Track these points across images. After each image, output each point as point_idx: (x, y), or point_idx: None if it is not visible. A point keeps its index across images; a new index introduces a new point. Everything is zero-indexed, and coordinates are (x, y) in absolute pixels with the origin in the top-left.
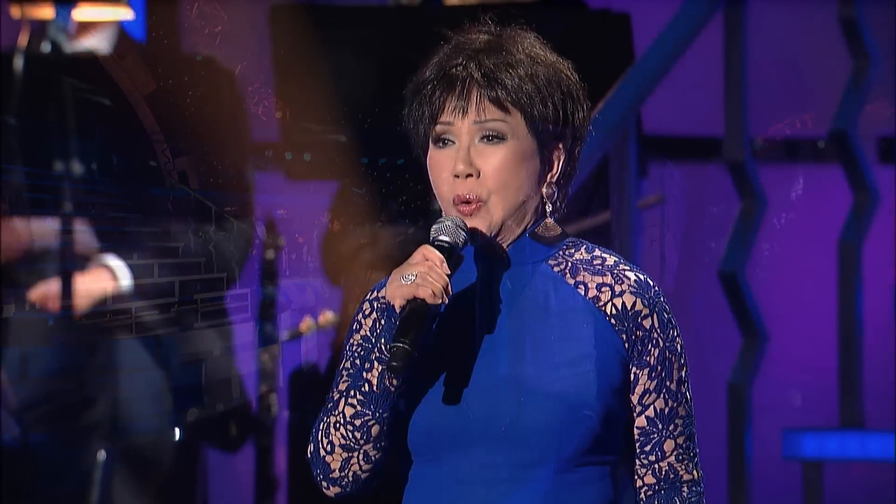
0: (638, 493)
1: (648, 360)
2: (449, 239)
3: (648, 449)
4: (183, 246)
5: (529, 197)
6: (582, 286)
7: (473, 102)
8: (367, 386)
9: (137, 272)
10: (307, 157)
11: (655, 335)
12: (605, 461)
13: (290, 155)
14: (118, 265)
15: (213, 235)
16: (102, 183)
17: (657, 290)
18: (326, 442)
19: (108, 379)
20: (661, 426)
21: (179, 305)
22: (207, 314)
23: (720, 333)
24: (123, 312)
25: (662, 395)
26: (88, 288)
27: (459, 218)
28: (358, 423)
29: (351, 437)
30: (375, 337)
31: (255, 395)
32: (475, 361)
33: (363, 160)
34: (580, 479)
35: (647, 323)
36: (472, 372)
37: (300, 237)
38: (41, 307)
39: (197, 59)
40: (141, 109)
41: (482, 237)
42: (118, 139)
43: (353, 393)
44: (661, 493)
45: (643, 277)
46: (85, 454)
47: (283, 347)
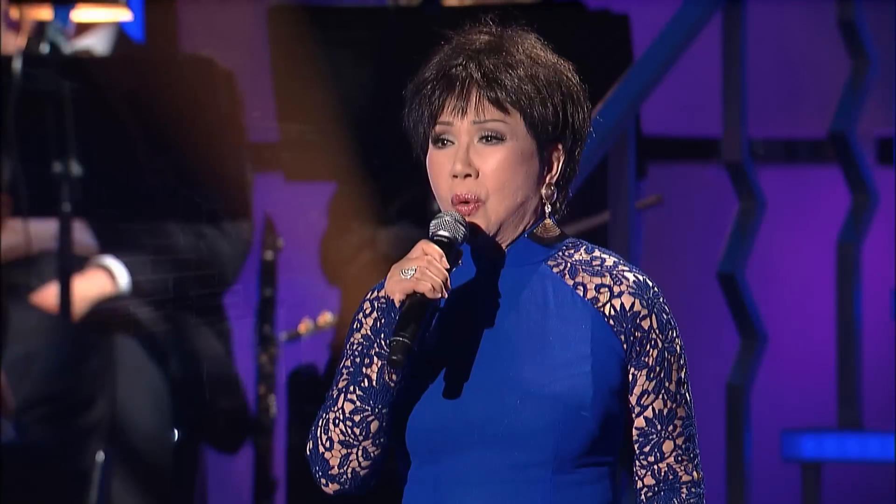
0: (638, 494)
1: (647, 360)
2: (448, 234)
3: (647, 450)
4: (182, 246)
5: (528, 198)
6: (581, 287)
7: (473, 102)
8: (366, 381)
9: (136, 273)
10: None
11: (654, 336)
12: (603, 462)
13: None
14: (116, 265)
15: (211, 236)
16: (102, 183)
17: (656, 290)
18: (325, 438)
19: (106, 379)
20: (659, 427)
21: (177, 306)
22: (206, 314)
23: (719, 334)
24: (122, 313)
25: (661, 395)
26: (87, 288)
27: (458, 213)
28: (357, 418)
29: (350, 433)
30: (375, 335)
31: (253, 395)
32: (473, 362)
33: (362, 160)
34: (579, 480)
35: (645, 324)
36: (470, 373)
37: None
38: (41, 307)
39: (196, 59)
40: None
41: (481, 235)
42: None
43: (352, 389)
44: (660, 494)
45: (642, 278)
46: (84, 454)
47: (281, 348)
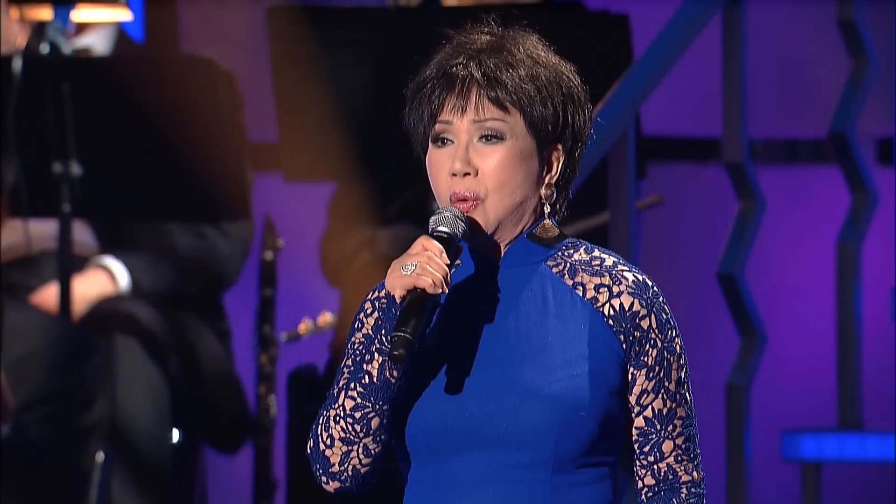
0: (638, 494)
1: (646, 360)
2: (448, 229)
3: (647, 450)
4: (182, 246)
5: (527, 197)
6: (580, 287)
7: (472, 101)
8: (367, 378)
9: (135, 273)
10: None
11: (653, 336)
12: (604, 462)
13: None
14: (116, 265)
15: (211, 236)
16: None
17: (656, 290)
18: (326, 436)
19: (106, 379)
20: (659, 427)
21: (177, 306)
22: (206, 314)
23: (719, 334)
24: (122, 312)
25: (661, 395)
26: (87, 288)
27: (458, 209)
28: (358, 415)
29: (351, 430)
30: (377, 333)
31: (253, 396)
32: (473, 362)
33: (362, 160)
34: (579, 480)
35: (644, 323)
36: (469, 373)
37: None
38: (41, 307)
39: (196, 59)
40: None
41: (480, 234)
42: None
43: (353, 385)
44: (660, 494)
45: (641, 278)
46: (84, 454)
47: (281, 348)
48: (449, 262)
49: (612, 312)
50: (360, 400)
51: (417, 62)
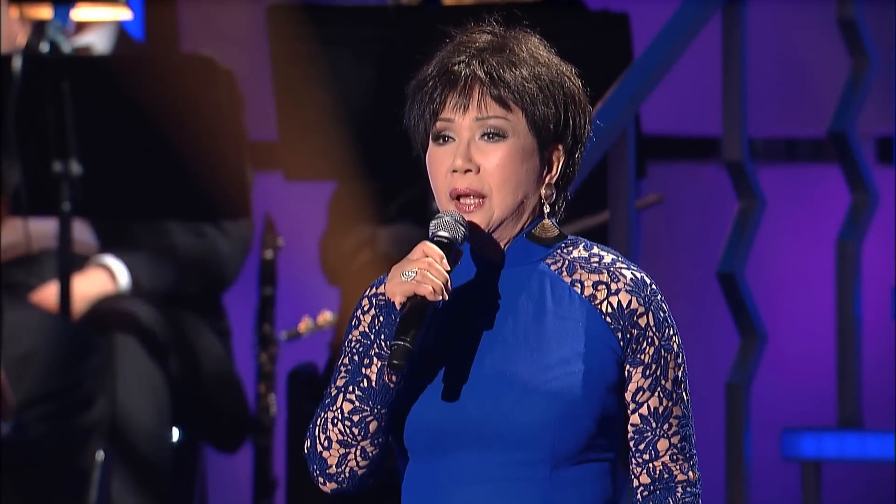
0: (635, 493)
1: (643, 358)
2: (448, 234)
3: (643, 447)
4: (182, 246)
5: (528, 196)
6: (578, 284)
7: (475, 99)
8: (365, 382)
9: (135, 272)
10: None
11: (650, 333)
12: (603, 459)
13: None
14: (116, 264)
15: (211, 235)
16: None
17: (654, 288)
18: (324, 438)
19: (106, 378)
20: (654, 425)
21: (177, 306)
22: (206, 314)
23: (719, 334)
24: (122, 312)
25: (657, 393)
26: (87, 287)
27: (458, 213)
28: (356, 418)
29: (348, 432)
30: (374, 333)
31: (253, 395)
32: (471, 361)
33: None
34: (578, 476)
35: (642, 321)
36: (467, 372)
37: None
38: (41, 306)
39: (196, 59)
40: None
41: (480, 234)
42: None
43: (351, 389)
44: (655, 493)
45: (640, 276)
46: (84, 453)
47: (281, 347)
48: (449, 268)
49: (609, 310)
50: (358, 404)
51: (418, 61)
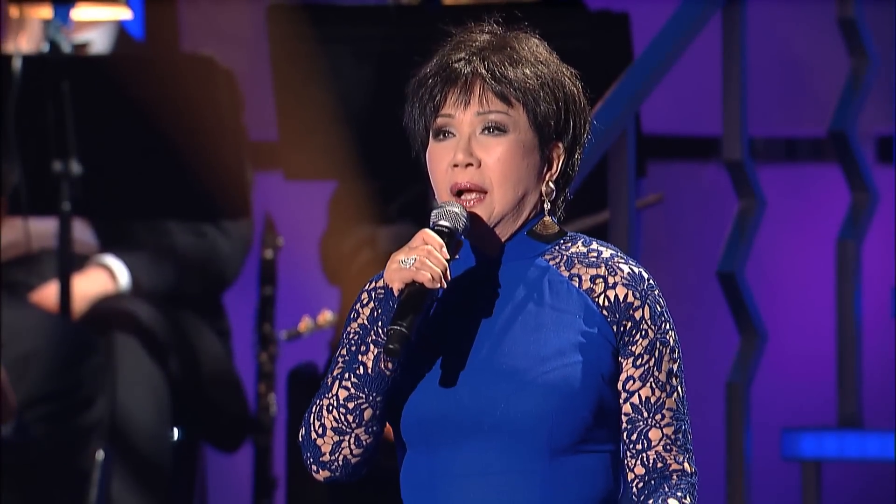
0: (630, 486)
1: (634, 349)
2: (449, 224)
3: (635, 437)
4: (182, 246)
5: (528, 192)
6: (576, 278)
7: (476, 94)
8: (361, 368)
9: (135, 271)
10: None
11: (645, 326)
12: (602, 450)
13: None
14: (116, 264)
15: (211, 235)
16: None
17: (651, 283)
18: (318, 425)
19: (106, 378)
20: (646, 414)
21: (177, 305)
22: (206, 314)
23: (719, 333)
24: (122, 312)
25: (649, 384)
26: (87, 287)
27: (460, 205)
28: (351, 405)
29: (343, 420)
30: (372, 324)
31: (253, 394)
32: (468, 353)
33: (363, 159)
34: (576, 468)
35: (637, 314)
36: (464, 364)
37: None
38: (41, 306)
39: (196, 59)
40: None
41: (481, 228)
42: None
43: (347, 376)
44: (650, 483)
45: (637, 270)
46: (84, 453)
47: (281, 347)
48: (448, 257)
49: (606, 303)
50: (353, 391)
51: (418, 60)
